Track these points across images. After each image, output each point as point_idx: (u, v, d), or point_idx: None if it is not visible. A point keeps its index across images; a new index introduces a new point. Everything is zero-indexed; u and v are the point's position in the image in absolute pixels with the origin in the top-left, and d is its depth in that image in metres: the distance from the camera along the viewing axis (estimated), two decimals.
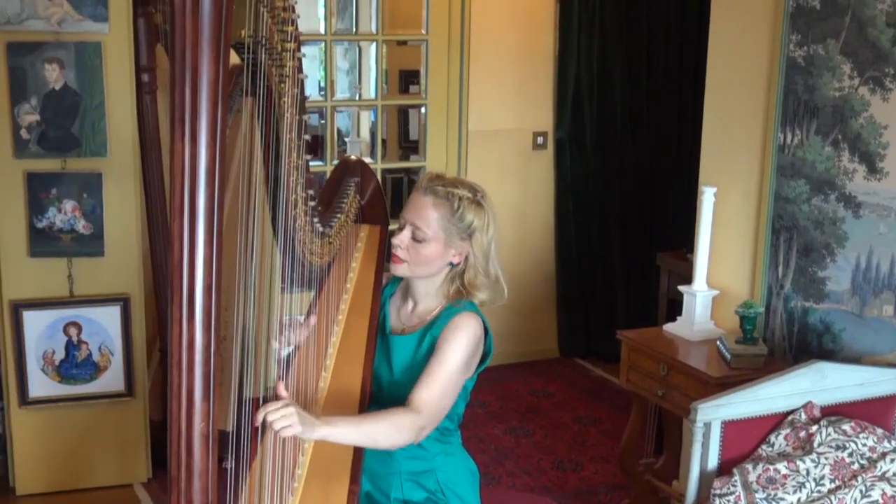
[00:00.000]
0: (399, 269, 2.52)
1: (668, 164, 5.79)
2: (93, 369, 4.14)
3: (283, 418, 2.08)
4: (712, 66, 3.91)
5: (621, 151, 5.73)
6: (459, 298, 2.53)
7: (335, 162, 5.24)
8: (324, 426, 2.16)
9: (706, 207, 3.74)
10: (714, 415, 3.01)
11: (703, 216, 3.75)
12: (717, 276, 3.84)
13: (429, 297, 2.57)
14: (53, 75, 3.89)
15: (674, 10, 5.68)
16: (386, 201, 2.93)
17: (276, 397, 2.12)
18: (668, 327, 3.86)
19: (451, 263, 2.52)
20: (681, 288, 3.85)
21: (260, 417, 2.09)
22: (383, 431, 2.28)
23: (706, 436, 3.03)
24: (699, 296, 3.76)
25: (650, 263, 5.07)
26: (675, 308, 4.19)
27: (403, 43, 5.55)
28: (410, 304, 2.61)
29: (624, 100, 5.67)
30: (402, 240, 2.47)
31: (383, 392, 2.56)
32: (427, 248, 2.46)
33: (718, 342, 3.62)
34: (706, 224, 3.74)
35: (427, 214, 2.45)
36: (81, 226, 4.02)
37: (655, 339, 3.80)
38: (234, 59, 1.88)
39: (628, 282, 5.81)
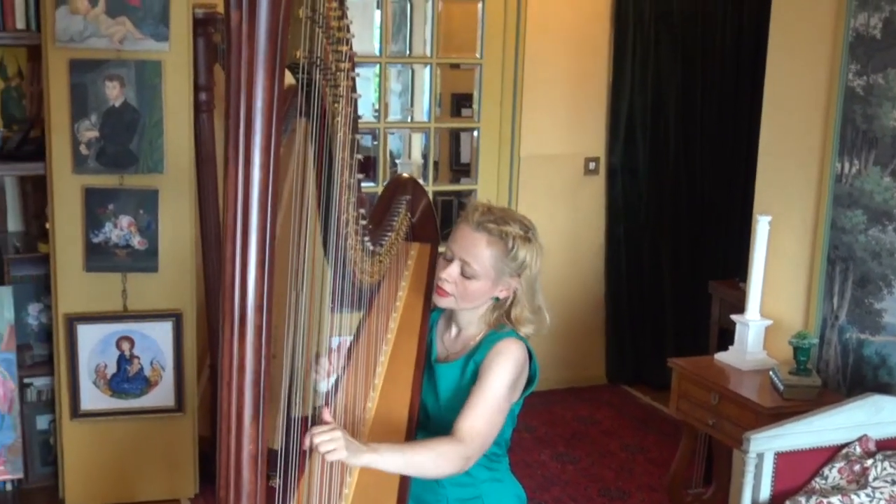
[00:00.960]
0: (443, 302, 2.50)
1: (721, 191, 5.75)
2: (144, 384, 4.17)
3: (329, 442, 2.08)
4: (769, 94, 3.88)
5: (674, 178, 5.69)
6: (502, 324, 2.51)
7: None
8: (369, 453, 2.15)
9: (761, 236, 3.70)
10: (767, 445, 2.97)
11: (757, 245, 3.71)
12: (771, 306, 3.80)
13: (472, 324, 2.54)
14: (114, 92, 3.94)
15: (730, 37, 5.65)
16: (437, 219, 2.92)
17: (322, 422, 2.12)
18: (720, 356, 3.82)
19: (496, 297, 2.49)
20: (733, 317, 3.82)
21: (307, 441, 2.09)
22: (429, 461, 2.26)
23: (758, 467, 2.99)
24: (752, 325, 3.72)
25: (701, 291, 5.03)
26: (726, 337, 4.15)
27: (456, 66, 5.58)
28: (454, 330, 2.59)
29: (677, 126, 5.65)
30: (450, 274, 2.43)
31: (430, 420, 2.55)
32: (476, 284, 2.44)
33: (771, 372, 3.57)
34: (760, 253, 3.71)
35: (479, 253, 2.40)
36: (137, 241, 4.06)
37: (707, 368, 3.76)
38: (288, 79, 1.89)
39: (678, 309, 5.77)
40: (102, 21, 3.89)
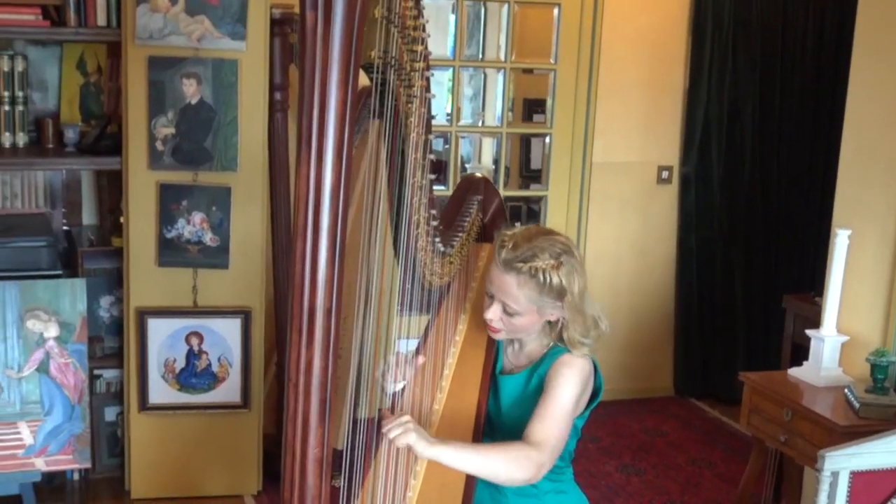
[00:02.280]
0: (497, 336, 2.47)
1: (797, 203, 5.65)
2: (211, 379, 4.21)
3: (398, 426, 2.07)
4: (852, 104, 3.79)
5: (749, 189, 5.60)
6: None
7: None
8: (440, 445, 2.13)
9: (839, 250, 3.61)
10: (844, 464, 2.89)
11: (835, 259, 3.63)
12: (848, 322, 3.71)
13: (533, 339, 2.50)
14: (190, 90, 3.98)
15: (810, 45, 5.55)
16: (509, 220, 2.89)
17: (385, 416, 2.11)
18: (794, 371, 3.74)
19: (548, 321, 2.45)
20: (808, 332, 3.73)
21: (383, 427, 2.08)
22: (503, 464, 2.22)
23: (833, 486, 2.92)
24: (827, 341, 3.64)
25: (774, 305, 4.93)
26: (799, 352, 4.07)
27: (529, 71, 5.55)
28: (517, 343, 2.56)
29: (754, 136, 5.55)
30: (494, 314, 2.39)
31: (493, 432, 2.52)
32: (520, 319, 2.39)
33: (846, 390, 3.49)
34: (838, 267, 3.62)
35: (513, 294, 2.35)
36: (209, 238, 4.10)
37: (780, 383, 3.68)
38: (363, 79, 1.88)
39: (750, 323, 5.67)
40: (181, 19, 3.93)
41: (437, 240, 2.49)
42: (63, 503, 4.22)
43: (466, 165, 5.72)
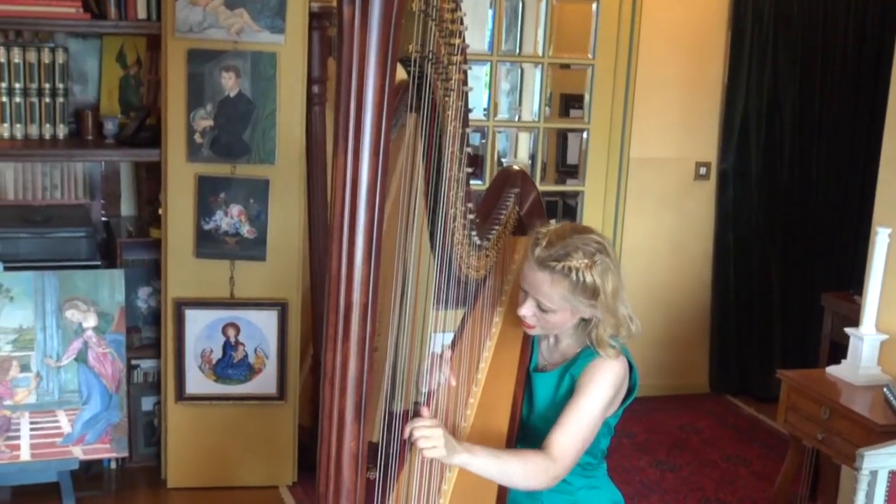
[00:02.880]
0: (531, 332, 2.46)
1: (837, 200, 5.59)
2: (247, 371, 4.23)
3: (428, 439, 2.07)
4: (894, 100, 3.75)
5: (787, 185, 5.56)
6: None
7: None
8: (464, 453, 2.14)
9: (879, 249, 3.58)
10: (883, 463, 2.87)
11: (875, 257, 3.59)
12: (888, 320, 3.67)
13: (568, 335, 2.50)
14: (229, 83, 4.01)
15: (851, 41, 5.49)
16: (546, 213, 2.87)
17: (417, 416, 2.11)
18: (832, 370, 3.71)
19: (582, 319, 2.44)
20: (847, 330, 3.70)
21: (408, 431, 2.09)
22: (519, 473, 2.24)
23: (871, 485, 2.89)
24: (867, 339, 3.60)
25: (811, 302, 4.89)
26: (837, 350, 4.03)
27: (566, 66, 5.53)
28: (552, 338, 2.55)
29: (793, 132, 5.51)
30: (528, 310, 2.38)
31: (524, 427, 2.52)
32: (555, 316, 2.38)
33: (885, 389, 3.45)
34: (878, 266, 3.58)
35: (547, 291, 2.34)
36: (246, 230, 4.12)
37: (818, 381, 3.66)
38: (400, 73, 1.88)
39: (787, 320, 5.63)
40: (221, 12, 3.95)
41: (474, 233, 2.49)
42: (100, 491, 4.25)
43: (503, 160, 5.71)
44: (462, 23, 2.19)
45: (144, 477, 4.38)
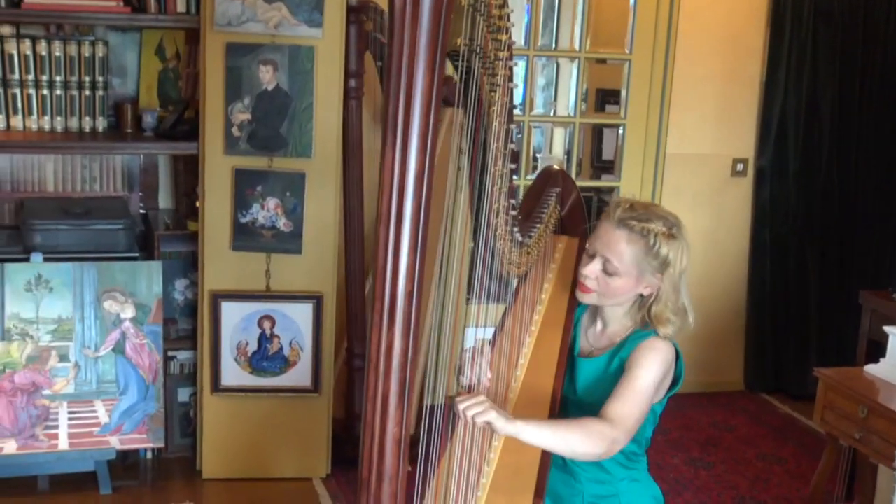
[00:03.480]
0: (586, 298, 2.47)
1: (876, 198, 5.54)
2: (282, 363, 4.25)
3: (476, 405, 2.08)
4: None
5: (826, 183, 5.51)
6: (648, 323, 2.47)
7: (530, 177, 5.25)
8: (518, 421, 2.14)
9: None
10: None
11: None
12: None
13: (618, 320, 2.51)
14: (267, 76, 4.02)
15: (892, 37, 5.43)
16: (586, 213, 2.88)
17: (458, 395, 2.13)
18: (870, 368, 3.69)
19: (640, 295, 2.45)
20: (886, 328, 3.67)
21: (456, 406, 2.10)
22: (577, 437, 2.22)
23: None
24: None
25: (849, 300, 4.85)
26: (876, 349, 4.00)
27: (602, 61, 5.52)
28: (599, 325, 2.56)
29: (832, 129, 5.46)
30: (591, 270, 2.40)
31: (571, 414, 2.52)
32: (617, 281, 2.40)
33: None
34: None
35: (620, 249, 2.36)
36: (282, 223, 4.14)
37: (855, 380, 3.63)
38: (447, 67, 1.89)
39: (824, 318, 5.59)
40: (259, 6, 3.97)
41: (516, 229, 2.49)
42: (136, 481, 4.29)
43: (538, 155, 5.71)
44: (509, 19, 2.20)
45: (180, 467, 4.40)
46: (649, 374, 2.36)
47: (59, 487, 4.12)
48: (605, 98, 5.58)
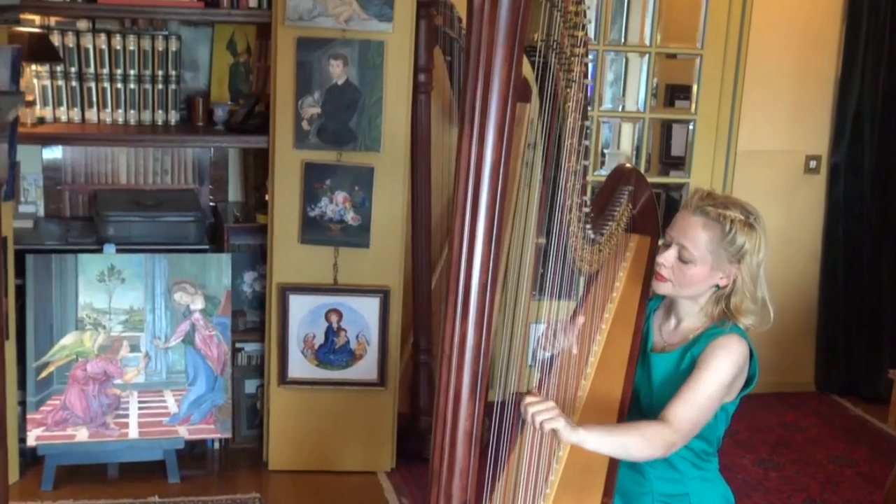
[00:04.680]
0: (662, 288, 2.46)
1: None
2: (349, 356, 4.27)
3: (545, 411, 2.08)
4: None
5: None
6: (725, 319, 2.44)
7: (597, 173, 5.23)
8: (580, 430, 2.14)
9: None
10: None
11: None
12: None
13: (692, 315, 2.49)
14: (337, 71, 4.03)
15: None
16: (659, 212, 2.86)
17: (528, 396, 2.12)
18: None
19: (716, 286, 2.43)
20: None
21: (523, 408, 2.09)
22: (633, 442, 2.24)
23: None
24: None
25: None
26: None
27: (672, 56, 5.46)
28: (673, 321, 2.54)
29: None
30: (667, 258, 2.40)
31: (643, 411, 2.51)
32: (693, 269, 2.38)
33: None
34: None
35: (695, 235, 2.36)
36: (350, 217, 4.15)
37: None
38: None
39: None
40: (330, 1, 3.98)
41: (588, 226, 2.48)
42: (203, 471, 4.33)
43: (605, 151, 5.67)
44: (585, 15, 2.18)
45: (246, 458, 4.44)
46: (718, 374, 2.33)
47: (129, 475, 4.18)
48: (675, 93, 5.52)
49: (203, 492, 4.13)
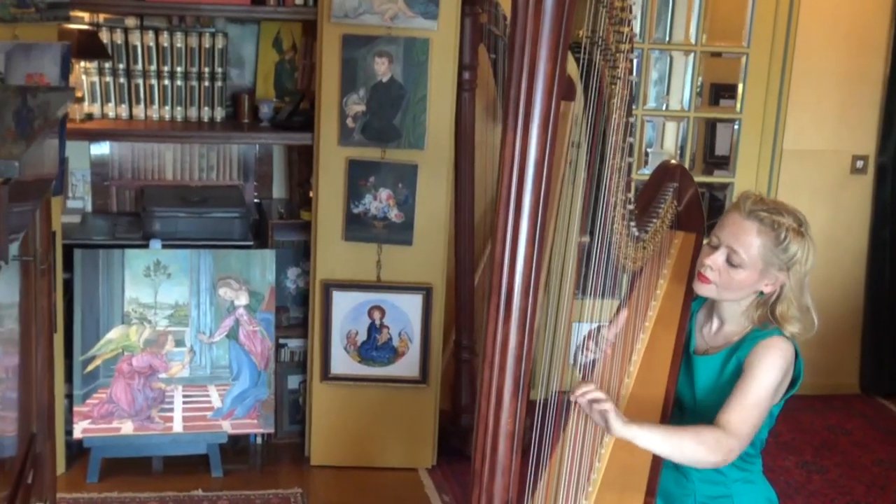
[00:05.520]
0: (704, 290, 2.43)
1: None
2: (391, 353, 4.28)
3: (596, 391, 2.08)
4: None
5: None
6: (766, 322, 2.42)
7: (641, 172, 5.20)
8: (633, 425, 2.14)
9: None
10: None
11: None
12: None
13: (735, 318, 2.47)
14: (382, 68, 4.05)
15: None
16: (704, 209, 2.84)
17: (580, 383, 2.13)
18: None
19: (760, 292, 2.41)
20: None
21: (576, 395, 2.10)
22: (692, 446, 2.21)
23: None
24: None
25: None
26: None
27: (717, 55, 5.42)
28: (715, 323, 2.52)
29: None
30: (714, 261, 2.37)
31: (685, 413, 2.50)
32: (741, 273, 2.36)
33: None
34: None
35: (748, 241, 2.34)
36: (394, 214, 4.16)
37: None
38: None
39: None
40: None
41: (633, 224, 2.47)
42: (246, 465, 4.37)
43: (648, 150, 5.65)
44: (631, 11, 2.18)
45: (288, 453, 4.47)
46: (768, 376, 2.32)
47: (173, 469, 4.23)
48: (719, 92, 5.48)
49: (245, 486, 4.16)
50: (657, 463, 2.30)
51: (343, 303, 4.23)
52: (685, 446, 2.21)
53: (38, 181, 1.87)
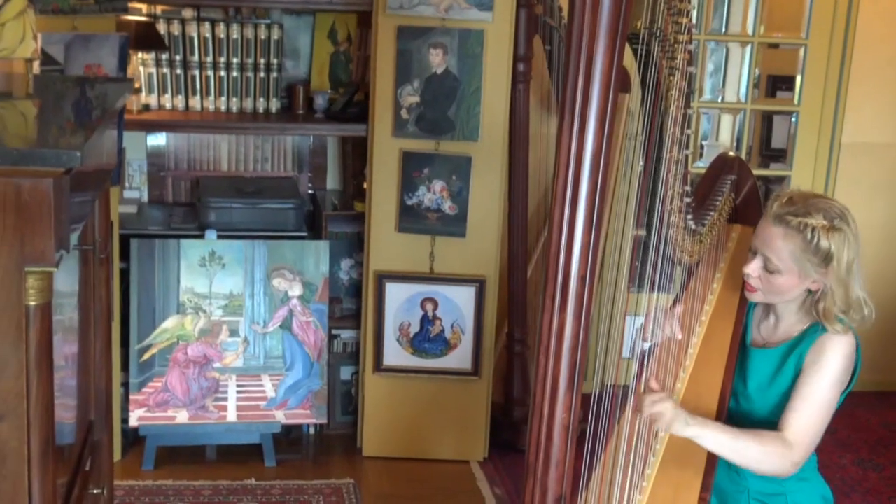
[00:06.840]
0: (753, 297, 2.41)
1: None
2: (444, 345, 4.28)
3: (657, 404, 2.07)
4: None
5: None
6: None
7: (696, 165, 5.15)
8: (697, 426, 2.13)
9: None
10: None
11: None
12: None
13: (792, 314, 2.43)
14: (436, 60, 4.04)
15: None
16: (762, 202, 2.80)
17: (650, 391, 2.11)
18: None
19: (809, 290, 2.36)
20: None
21: (640, 404, 2.09)
22: (755, 454, 2.21)
23: None
24: None
25: None
26: None
27: (775, 46, 5.35)
28: (773, 318, 2.49)
29: None
30: (753, 269, 2.34)
31: (738, 405, 2.47)
32: (780, 279, 2.32)
33: None
34: None
35: (777, 247, 2.29)
36: (447, 206, 4.16)
37: None
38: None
39: None
40: None
41: (689, 217, 2.45)
42: (298, 455, 4.39)
43: (704, 143, 5.59)
44: (690, 1, 2.15)
45: (341, 444, 4.49)
46: (831, 377, 2.29)
47: (226, 458, 4.26)
48: (777, 84, 5.41)
49: (298, 476, 4.19)
50: (712, 460, 2.28)
51: (396, 294, 4.24)
52: (750, 454, 2.21)
53: (97, 171, 1.89)
